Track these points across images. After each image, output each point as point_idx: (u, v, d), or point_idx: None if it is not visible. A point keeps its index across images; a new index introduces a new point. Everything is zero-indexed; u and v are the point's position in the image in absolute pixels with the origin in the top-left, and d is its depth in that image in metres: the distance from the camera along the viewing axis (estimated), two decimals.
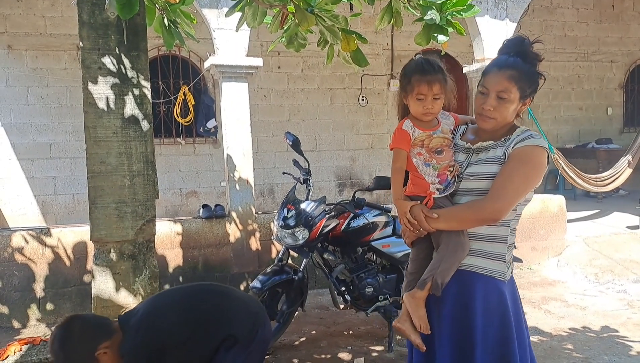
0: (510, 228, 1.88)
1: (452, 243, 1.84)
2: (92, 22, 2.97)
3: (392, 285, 3.93)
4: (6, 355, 3.09)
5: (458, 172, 1.92)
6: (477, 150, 1.93)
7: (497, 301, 1.83)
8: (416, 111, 1.93)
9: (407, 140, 1.93)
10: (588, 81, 9.72)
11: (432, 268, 1.86)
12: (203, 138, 7.84)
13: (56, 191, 7.22)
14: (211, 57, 5.02)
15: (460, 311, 1.85)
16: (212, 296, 2.43)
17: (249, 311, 2.38)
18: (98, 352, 2.01)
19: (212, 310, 2.32)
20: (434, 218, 1.84)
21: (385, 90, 8.60)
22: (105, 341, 2.04)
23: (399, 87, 2.01)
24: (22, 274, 4.54)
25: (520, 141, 1.84)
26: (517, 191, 1.80)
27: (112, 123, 3.01)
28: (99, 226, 3.05)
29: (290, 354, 3.85)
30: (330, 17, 2.97)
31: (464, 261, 1.86)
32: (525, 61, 1.86)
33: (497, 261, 1.86)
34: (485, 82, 1.87)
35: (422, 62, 1.93)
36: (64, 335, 2.02)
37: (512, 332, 1.82)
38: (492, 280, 1.85)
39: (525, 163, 1.81)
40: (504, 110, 1.83)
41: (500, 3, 5.71)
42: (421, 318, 1.90)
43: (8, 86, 6.94)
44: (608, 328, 4.18)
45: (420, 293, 1.88)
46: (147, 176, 3.13)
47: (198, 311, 2.30)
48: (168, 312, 2.25)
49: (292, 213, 3.73)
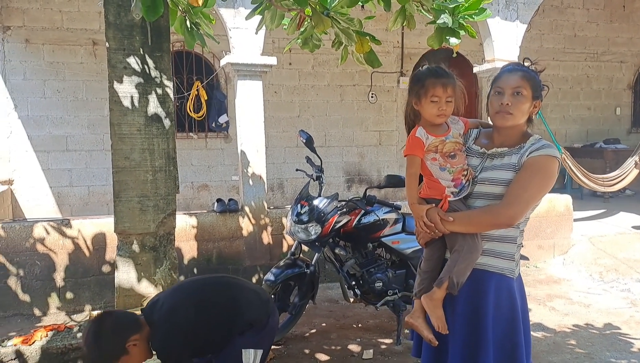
0: (519, 229, 2.00)
1: (467, 244, 1.94)
2: (118, 24, 3.09)
3: (401, 280, 4.05)
4: (33, 340, 3.23)
5: (472, 176, 2.01)
6: (491, 155, 2.02)
7: (507, 297, 1.96)
8: (430, 113, 2.01)
9: (421, 147, 2.02)
10: (597, 81, 9.76)
11: (449, 269, 1.96)
12: (215, 132, 7.98)
13: (71, 183, 7.38)
14: (227, 56, 5.14)
15: (473, 308, 1.96)
16: (227, 288, 2.59)
17: (260, 300, 2.55)
18: (128, 343, 2.18)
19: (229, 301, 2.48)
20: (449, 221, 1.95)
21: (395, 87, 8.69)
22: (135, 334, 2.21)
23: (409, 95, 2.10)
24: (43, 264, 4.70)
25: (535, 151, 1.94)
26: (531, 198, 1.92)
27: (136, 121, 3.14)
28: (123, 219, 3.18)
29: (301, 345, 3.98)
30: (345, 19, 3.08)
31: (478, 260, 1.97)
32: (529, 71, 2.02)
33: (507, 260, 1.98)
34: (500, 83, 1.98)
35: (435, 67, 2.04)
36: (97, 329, 2.20)
37: (520, 324, 1.95)
38: (503, 278, 1.97)
39: (540, 172, 1.91)
40: (520, 105, 1.94)
41: (511, 4, 5.79)
42: (439, 318, 1.99)
43: (25, 79, 7.10)
44: (611, 326, 4.29)
45: (438, 293, 1.97)
46: (168, 172, 3.26)
47: (216, 304, 2.46)
48: (188, 306, 2.39)
49: (305, 209, 3.85)
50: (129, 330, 2.22)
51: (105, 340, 2.17)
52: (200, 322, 2.36)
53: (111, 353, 2.18)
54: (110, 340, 2.17)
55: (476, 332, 1.94)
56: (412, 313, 2.11)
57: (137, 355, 2.25)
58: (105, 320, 2.26)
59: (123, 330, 2.21)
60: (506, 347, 1.92)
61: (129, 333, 2.21)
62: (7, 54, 6.98)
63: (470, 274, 1.96)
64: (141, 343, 2.23)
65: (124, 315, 2.37)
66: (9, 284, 4.63)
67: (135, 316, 2.34)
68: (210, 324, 2.39)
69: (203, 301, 2.44)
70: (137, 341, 2.21)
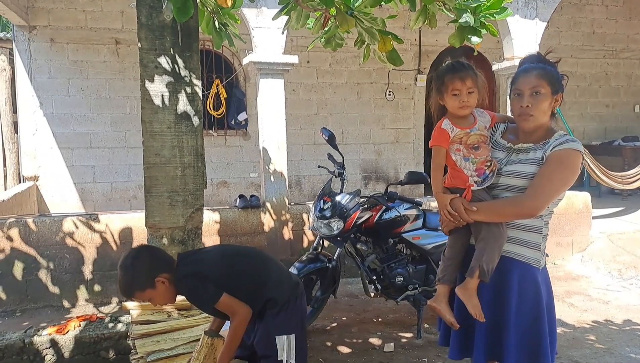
0: (543, 221, 2.07)
1: (492, 232, 2.01)
2: (150, 24, 3.18)
3: (421, 276, 4.12)
4: (67, 330, 3.36)
5: (496, 167, 2.08)
6: (517, 150, 2.09)
7: (532, 286, 2.02)
8: (453, 106, 2.11)
9: (447, 138, 2.11)
10: (616, 78, 9.71)
11: (478, 257, 2.03)
12: (234, 130, 8.09)
13: (95, 179, 7.54)
14: (250, 55, 5.24)
15: (498, 294, 2.03)
16: (263, 259, 2.57)
17: (291, 282, 2.55)
18: (158, 278, 2.30)
19: (261, 270, 2.49)
20: (473, 210, 2.03)
21: (412, 85, 8.73)
22: (166, 272, 2.33)
23: (433, 92, 2.20)
24: (72, 257, 4.84)
25: (559, 145, 1.99)
26: (554, 190, 1.99)
27: (167, 118, 3.24)
28: (153, 213, 3.29)
29: (323, 338, 4.07)
30: (369, 19, 3.16)
31: (503, 247, 2.04)
32: (546, 65, 2.06)
33: (533, 250, 2.05)
34: (518, 85, 2.04)
35: (452, 63, 2.14)
36: (136, 256, 2.36)
37: (544, 314, 2.01)
38: (528, 267, 2.04)
39: (563, 165, 1.97)
40: (540, 105, 2.00)
41: (531, 3, 5.81)
42: (475, 306, 2.04)
43: (50, 78, 7.27)
44: (630, 322, 4.32)
45: (471, 283, 2.04)
46: (196, 168, 3.36)
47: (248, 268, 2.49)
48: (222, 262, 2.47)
49: (328, 205, 3.93)
50: (161, 268, 2.33)
51: (138, 269, 2.30)
52: (232, 276, 2.41)
53: (141, 282, 2.30)
54: (143, 270, 2.30)
55: (500, 318, 2.01)
56: (435, 298, 2.20)
57: (163, 292, 2.34)
58: (144, 252, 2.43)
59: (156, 265, 2.33)
60: (529, 336, 1.99)
61: (160, 270, 2.32)
62: (33, 53, 7.16)
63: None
64: (168, 283, 2.33)
65: (161, 253, 2.48)
66: (39, 276, 4.79)
67: (170, 258, 2.44)
68: (240, 281, 2.41)
69: (236, 263, 2.49)
70: (166, 280, 2.32)
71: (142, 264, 2.32)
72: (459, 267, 2.18)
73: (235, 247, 2.80)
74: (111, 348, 3.40)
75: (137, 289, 2.32)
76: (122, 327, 3.42)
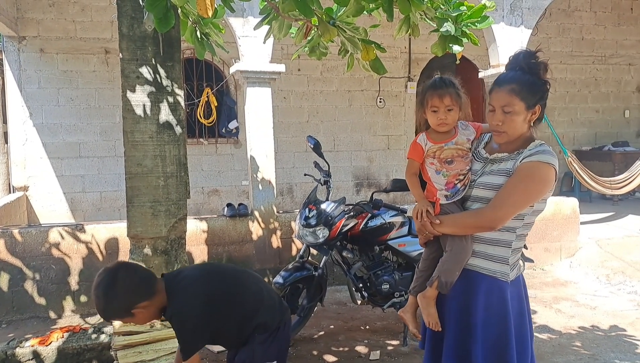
0: (516, 234, 2.00)
1: (456, 245, 2.01)
2: (131, 35, 3.19)
3: (407, 282, 4.10)
4: (50, 341, 3.35)
5: (469, 180, 2.07)
6: (492, 160, 2.06)
7: (499, 300, 1.97)
8: (432, 122, 2.13)
9: (420, 152, 2.15)
10: (605, 83, 9.76)
11: (439, 269, 2.05)
12: (225, 138, 8.10)
13: (84, 189, 7.53)
14: (236, 64, 5.26)
15: (464, 307, 2.02)
16: (254, 281, 2.49)
17: (280, 307, 2.50)
18: (135, 310, 2.07)
19: (251, 295, 2.39)
20: (436, 223, 2.04)
21: (403, 92, 8.76)
22: (144, 301, 2.09)
23: (418, 105, 2.21)
24: (58, 267, 4.82)
25: (529, 156, 1.94)
26: (515, 203, 1.93)
27: (149, 128, 3.24)
28: (136, 224, 3.28)
29: (309, 346, 4.06)
30: (351, 28, 3.18)
31: (470, 261, 2.02)
32: (526, 73, 1.95)
33: (500, 264, 2.00)
34: (491, 100, 2.01)
35: (436, 79, 2.14)
36: (108, 284, 2.05)
37: (511, 329, 1.96)
38: (495, 281, 1.99)
39: (528, 178, 1.92)
40: (512, 122, 1.95)
41: (516, 10, 5.85)
42: (431, 315, 2.06)
43: (40, 88, 7.26)
44: (617, 328, 4.32)
45: (429, 292, 2.06)
46: (179, 178, 3.36)
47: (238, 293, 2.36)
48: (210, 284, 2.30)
49: (313, 213, 3.94)
50: (140, 295, 2.08)
51: (112, 297, 2.03)
52: (223, 304, 2.26)
53: (116, 312, 2.10)
54: (118, 298, 2.04)
55: (466, 329, 2.00)
56: (404, 308, 2.26)
57: (142, 319, 2.16)
58: (119, 276, 2.09)
59: (134, 292, 2.07)
60: (497, 349, 1.95)
61: (139, 298, 2.07)
62: (22, 63, 7.15)
63: (462, 274, 2.02)
64: (149, 309, 2.12)
65: (140, 274, 2.18)
66: (25, 287, 4.76)
67: (151, 281, 2.17)
68: (229, 308, 2.28)
69: (230, 290, 2.35)
70: (146, 307, 2.10)
71: (115, 293, 2.04)
72: None
73: (225, 271, 2.56)
74: (94, 360, 3.40)
75: (115, 317, 2.20)
76: (105, 338, 3.41)
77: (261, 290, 2.41)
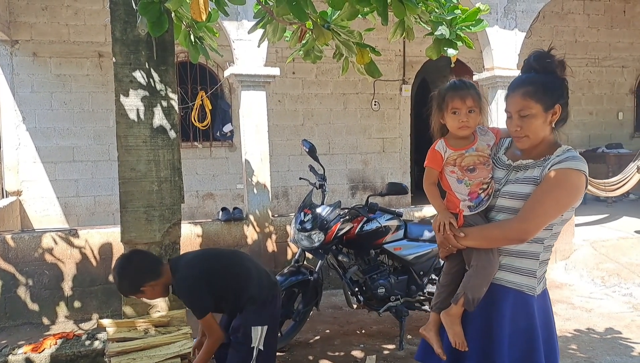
0: (544, 245, 1.91)
1: (482, 260, 1.90)
2: (124, 39, 3.18)
3: (403, 286, 4.11)
4: (42, 348, 3.31)
5: (493, 189, 1.96)
6: (516, 168, 1.95)
7: (525, 315, 1.88)
8: (452, 125, 1.99)
9: (439, 160, 2.00)
10: (599, 86, 9.81)
11: (464, 285, 1.93)
12: (219, 141, 8.06)
13: (78, 193, 7.48)
14: (231, 67, 5.24)
15: (488, 323, 1.91)
16: (247, 259, 2.97)
17: (270, 281, 2.88)
18: (144, 287, 2.62)
19: (245, 269, 2.83)
20: (460, 236, 1.92)
21: (397, 95, 8.77)
22: (152, 280, 2.63)
23: (435, 110, 2.07)
24: (51, 273, 4.78)
25: (558, 163, 1.83)
26: (546, 214, 1.81)
27: (142, 133, 3.22)
28: (129, 229, 3.26)
29: (305, 351, 4.03)
30: (345, 32, 3.17)
31: (495, 275, 1.91)
32: (539, 74, 1.89)
33: (527, 277, 1.90)
34: (507, 106, 1.93)
35: (455, 81, 2.03)
36: (123, 265, 2.66)
37: (539, 344, 1.87)
38: (521, 294, 1.89)
39: (559, 186, 1.81)
40: (531, 126, 1.86)
41: (510, 13, 5.87)
42: (457, 334, 1.94)
43: (33, 92, 7.22)
44: (612, 330, 4.32)
45: (454, 309, 1.94)
46: (173, 182, 3.34)
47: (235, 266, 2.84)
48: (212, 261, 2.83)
49: (308, 217, 3.92)
50: (146, 276, 2.62)
51: (126, 277, 2.63)
52: (219, 276, 2.72)
53: (129, 289, 2.68)
54: (129, 278, 2.63)
55: (490, 346, 1.89)
56: (426, 326, 2.09)
57: (151, 294, 2.67)
58: (131, 261, 2.70)
59: (141, 274, 2.63)
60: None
61: (146, 279, 2.62)
62: (15, 67, 7.11)
63: (488, 289, 1.92)
64: (156, 287, 2.65)
65: (148, 261, 2.72)
66: (18, 293, 4.72)
67: (157, 265, 2.70)
68: (224, 280, 2.74)
69: (225, 264, 2.83)
70: (153, 286, 2.63)
71: (127, 274, 2.63)
72: (453, 295, 2.03)
73: (220, 251, 3.26)
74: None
75: (128, 293, 2.75)
76: (98, 345, 3.37)
77: (250, 269, 2.82)
